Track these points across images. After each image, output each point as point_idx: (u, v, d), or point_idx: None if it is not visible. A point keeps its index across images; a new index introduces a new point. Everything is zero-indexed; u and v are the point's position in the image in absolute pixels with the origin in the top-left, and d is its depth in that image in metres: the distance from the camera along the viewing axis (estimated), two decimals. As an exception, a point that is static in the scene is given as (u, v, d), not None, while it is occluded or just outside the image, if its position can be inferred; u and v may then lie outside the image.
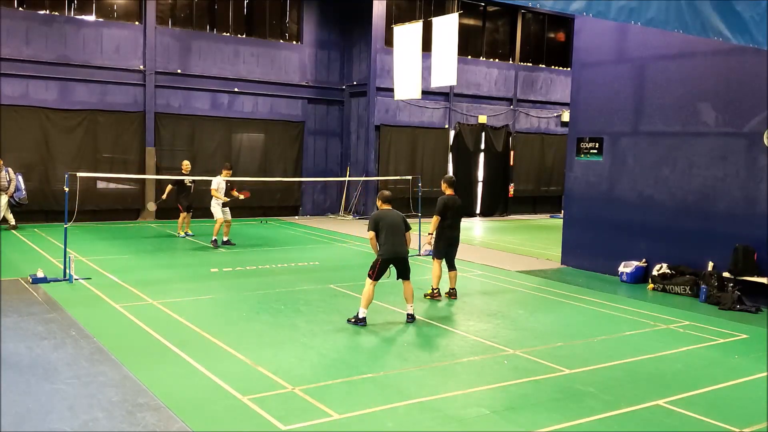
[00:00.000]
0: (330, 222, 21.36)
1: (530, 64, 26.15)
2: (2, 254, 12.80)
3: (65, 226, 11.41)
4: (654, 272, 12.02)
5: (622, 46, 13.23)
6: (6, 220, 16.49)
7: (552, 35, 27.23)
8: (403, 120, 22.99)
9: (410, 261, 9.16)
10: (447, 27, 16.61)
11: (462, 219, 10.81)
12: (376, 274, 8.77)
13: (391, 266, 8.90)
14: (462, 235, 10.90)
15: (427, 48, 17.28)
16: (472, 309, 10.04)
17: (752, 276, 10.69)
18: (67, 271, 10.88)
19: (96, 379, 6.46)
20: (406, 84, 17.56)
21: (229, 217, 15.33)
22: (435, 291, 10.52)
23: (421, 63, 17.16)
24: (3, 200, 16.22)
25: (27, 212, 17.94)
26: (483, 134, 24.91)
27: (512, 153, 25.67)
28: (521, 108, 25.80)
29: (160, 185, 19.61)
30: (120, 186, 19.71)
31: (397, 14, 22.62)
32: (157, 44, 19.70)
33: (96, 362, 6.96)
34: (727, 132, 11.46)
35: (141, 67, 19.51)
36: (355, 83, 22.92)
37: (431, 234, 10.61)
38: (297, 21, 22.56)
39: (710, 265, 11.27)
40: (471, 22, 24.53)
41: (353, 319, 8.81)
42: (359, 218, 22.10)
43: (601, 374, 7.19)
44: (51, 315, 8.79)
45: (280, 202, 22.34)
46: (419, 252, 14.67)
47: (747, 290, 10.71)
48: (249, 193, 16.04)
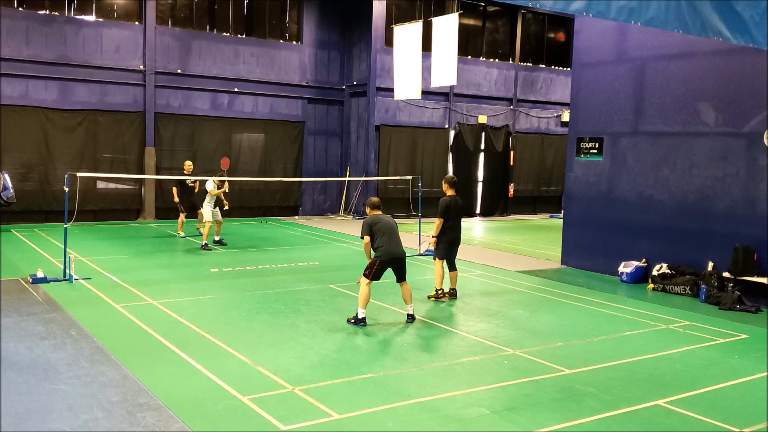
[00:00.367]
0: (330, 222, 21.36)
1: (530, 64, 26.14)
2: (2, 254, 12.81)
3: (65, 226, 11.41)
4: (654, 272, 12.02)
5: (622, 46, 13.23)
6: None
7: (552, 35, 27.22)
8: (403, 120, 22.99)
9: (409, 261, 9.16)
10: (447, 27, 16.61)
11: (462, 218, 10.80)
12: (373, 275, 8.76)
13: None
14: (462, 235, 10.90)
15: (427, 48, 17.28)
16: (472, 309, 10.04)
17: (752, 276, 10.69)
18: (67, 271, 10.89)
19: (96, 379, 6.47)
20: (406, 84, 17.56)
21: (220, 218, 15.30)
22: (439, 292, 10.47)
23: (421, 63, 17.16)
24: None
25: (27, 212, 17.97)
26: (483, 134, 24.91)
27: (512, 153, 25.68)
28: (521, 108, 25.79)
29: (161, 185, 19.66)
30: (120, 186, 19.72)
31: (397, 14, 22.62)
32: (157, 44, 19.71)
33: (96, 362, 6.97)
34: (727, 132, 11.46)
35: (141, 67, 19.51)
36: (355, 83, 22.92)
37: (434, 237, 10.50)
38: (297, 21, 22.55)
39: (710, 265, 11.28)
40: (471, 22, 24.53)
41: (353, 320, 8.81)
42: (359, 218, 22.09)
43: (601, 374, 7.19)
44: (51, 315, 8.79)
45: (280, 202, 22.35)
46: (419, 252, 14.69)
47: (747, 290, 10.72)
48: (228, 161, 16.18)
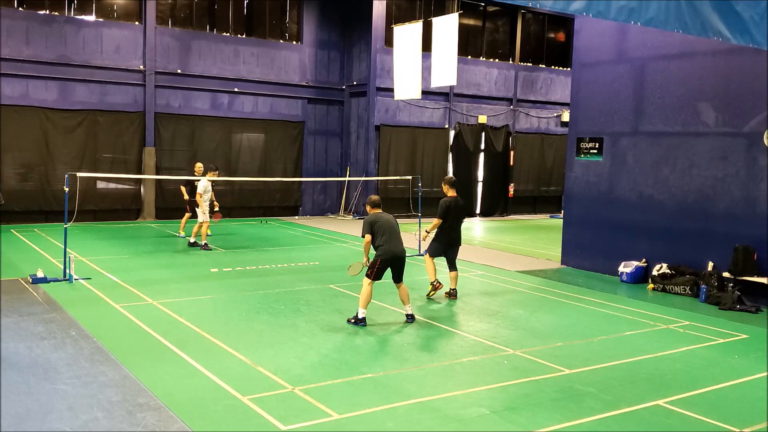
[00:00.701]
0: (330, 222, 21.36)
1: (530, 64, 26.14)
2: (2, 254, 12.81)
3: (65, 226, 11.40)
4: (654, 272, 12.02)
5: (622, 46, 13.23)
6: None
7: (552, 35, 27.22)
8: (403, 120, 22.99)
9: (408, 261, 9.16)
10: (447, 27, 16.60)
11: (464, 219, 10.82)
12: (375, 274, 8.77)
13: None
14: (462, 236, 10.90)
15: (427, 48, 17.28)
16: (472, 309, 10.04)
17: (752, 276, 10.69)
18: (67, 271, 10.88)
19: (96, 379, 6.46)
20: (406, 84, 17.55)
21: (208, 219, 15.22)
22: (435, 282, 10.47)
23: (421, 63, 17.15)
24: None
25: (27, 212, 17.97)
26: (483, 134, 24.90)
27: (512, 153, 25.67)
28: (521, 108, 25.79)
29: (161, 185, 19.65)
30: (120, 186, 19.72)
31: (397, 14, 22.62)
32: (157, 44, 19.70)
33: (96, 362, 6.97)
34: (727, 132, 11.46)
35: (141, 67, 19.50)
36: (355, 83, 22.92)
37: (428, 232, 10.84)
38: (297, 21, 22.55)
39: (710, 265, 11.28)
40: (471, 22, 24.53)
41: (353, 320, 8.81)
42: (359, 218, 22.09)
43: (601, 374, 7.19)
44: (51, 315, 8.79)
45: (280, 202, 22.34)
46: (419, 251, 14.68)
47: (747, 290, 10.72)
48: (220, 216, 16.24)
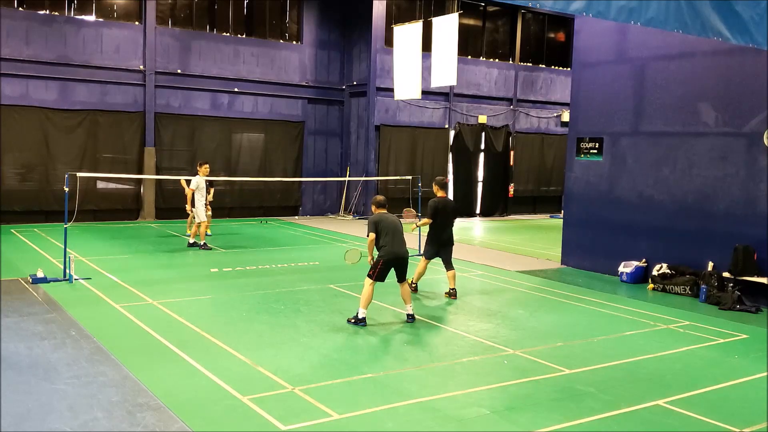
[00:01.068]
0: (330, 222, 21.36)
1: (530, 64, 26.14)
2: (2, 254, 12.81)
3: (65, 226, 11.40)
4: (654, 272, 12.01)
5: (622, 47, 13.23)
6: None
7: (552, 35, 27.22)
8: (403, 120, 22.99)
9: (409, 261, 9.16)
10: (447, 27, 16.61)
11: (456, 220, 11.00)
12: (377, 275, 8.78)
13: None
14: (462, 235, 10.94)
15: (427, 48, 17.27)
16: (472, 309, 10.04)
17: (752, 276, 10.69)
18: (67, 271, 10.88)
19: (96, 379, 6.46)
20: (406, 84, 17.56)
21: (204, 219, 15.19)
22: (413, 285, 10.74)
23: (421, 63, 17.15)
24: None
25: (27, 212, 17.96)
26: (483, 134, 24.90)
27: (512, 153, 25.67)
28: (521, 108, 25.79)
29: (161, 185, 19.64)
30: (120, 186, 19.72)
31: (397, 14, 22.62)
32: (157, 44, 19.70)
33: (96, 362, 6.96)
34: (727, 132, 11.45)
35: (141, 67, 19.50)
36: (355, 83, 22.91)
37: (418, 226, 11.43)
38: (297, 21, 22.55)
39: (710, 265, 11.27)
40: (471, 22, 24.53)
41: (353, 320, 8.81)
42: (359, 218, 22.10)
43: (601, 374, 7.19)
44: (51, 315, 8.79)
45: (280, 202, 22.34)
46: (419, 251, 14.66)
47: (747, 290, 10.71)
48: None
